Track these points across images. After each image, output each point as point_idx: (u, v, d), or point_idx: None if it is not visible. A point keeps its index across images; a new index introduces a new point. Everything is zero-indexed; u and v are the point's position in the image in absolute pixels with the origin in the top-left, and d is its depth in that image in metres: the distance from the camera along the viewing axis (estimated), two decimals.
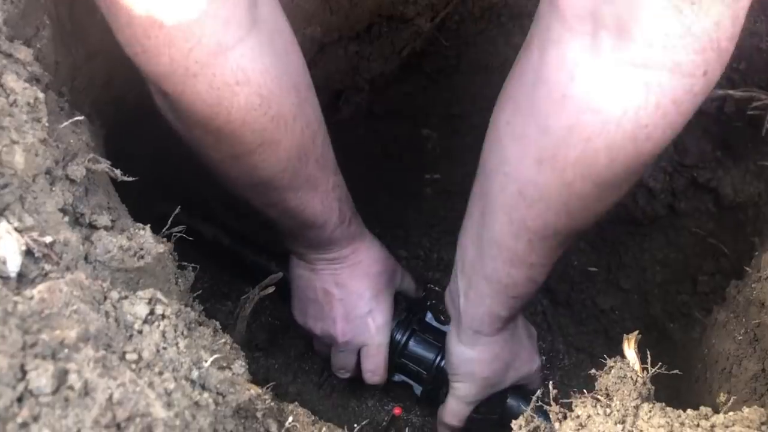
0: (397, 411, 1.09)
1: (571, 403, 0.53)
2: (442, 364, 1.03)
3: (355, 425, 0.67)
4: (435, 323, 1.10)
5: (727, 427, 0.44)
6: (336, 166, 0.89)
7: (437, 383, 1.03)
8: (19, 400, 0.34)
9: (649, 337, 1.11)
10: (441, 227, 1.26)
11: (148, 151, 1.11)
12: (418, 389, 1.06)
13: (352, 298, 0.98)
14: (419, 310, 1.11)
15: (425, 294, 1.24)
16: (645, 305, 1.10)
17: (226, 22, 0.60)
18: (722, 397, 0.78)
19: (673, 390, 1.01)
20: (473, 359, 0.94)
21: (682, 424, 0.44)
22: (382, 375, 1.02)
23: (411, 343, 1.05)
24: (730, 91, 0.81)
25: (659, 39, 0.54)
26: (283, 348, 1.19)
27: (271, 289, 0.98)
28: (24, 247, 0.42)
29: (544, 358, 1.21)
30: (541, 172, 0.67)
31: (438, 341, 1.05)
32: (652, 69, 0.56)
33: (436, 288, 1.25)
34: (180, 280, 0.64)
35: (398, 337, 1.04)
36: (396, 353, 1.05)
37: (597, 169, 0.63)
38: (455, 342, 0.95)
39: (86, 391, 0.36)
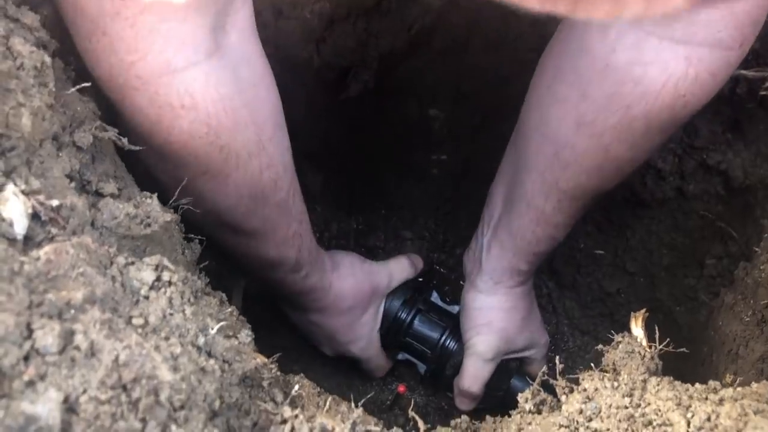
0: (401, 389, 1.09)
1: (578, 379, 0.53)
2: (447, 343, 1.03)
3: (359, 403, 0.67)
4: (440, 303, 1.10)
5: (735, 400, 0.43)
6: (304, 214, 0.85)
7: (441, 362, 1.03)
8: (26, 358, 0.34)
9: (655, 320, 1.10)
10: (447, 208, 1.26)
11: None
12: (422, 368, 1.07)
13: (331, 332, 1.01)
14: (425, 290, 1.11)
15: (430, 274, 1.24)
16: (651, 288, 1.09)
17: (180, 43, 0.58)
18: (728, 379, 0.77)
19: (677, 373, 1.01)
20: (492, 307, 0.95)
21: (691, 397, 0.44)
22: (381, 373, 1.10)
23: (416, 322, 1.05)
24: (743, 71, 0.80)
25: (703, 18, 0.56)
26: (288, 326, 1.19)
27: None
28: (30, 210, 0.42)
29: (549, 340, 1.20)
30: (579, 135, 0.70)
31: (443, 321, 1.05)
32: (693, 45, 0.59)
33: (441, 269, 1.25)
34: (187, 251, 0.63)
35: (403, 316, 1.04)
36: (401, 332, 1.05)
37: (634, 134, 0.66)
38: (474, 293, 0.96)
39: (92, 351, 0.36)
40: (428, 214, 1.27)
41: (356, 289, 0.98)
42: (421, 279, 1.22)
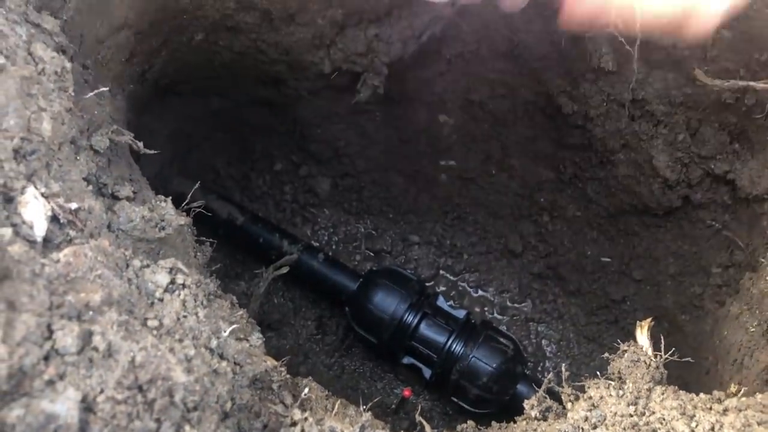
0: (406, 393, 1.09)
1: (584, 386, 0.54)
2: (453, 347, 1.04)
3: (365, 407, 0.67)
4: (446, 307, 1.10)
5: (739, 410, 0.44)
6: None
7: (447, 366, 1.04)
8: (46, 358, 0.35)
9: (660, 328, 1.11)
10: (455, 214, 1.26)
11: (167, 128, 1.12)
12: (427, 372, 1.07)
13: None
14: (431, 294, 1.11)
15: (436, 279, 1.25)
16: (657, 296, 1.09)
17: None
18: (733, 388, 0.78)
19: (682, 382, 1.02)
20: None
21: (695, 406, 0.45)
22: None
23: (422, 326, 1.06)
24: (752, 83, 0.80)
25: None
26: (295, 328, 1.20)
27: (285, 269, 0.99)
28: (50, 213, 0.43)
29: (554, 347, 1.21)
30: None
31: (449, 325, 1.06)
32: None
33: (448, 274, 1.26)
34: (199, 254, 0.64)
35: (409, 319, 1.05)
36: (407, 336, 1.05)
37: None
38: None
39: (110, 352, 0.37)
40: (436, 219, 1.27)
41: None
42: (428, 283, 1.23)
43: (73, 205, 0.45)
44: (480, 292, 1.25)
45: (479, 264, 1.25)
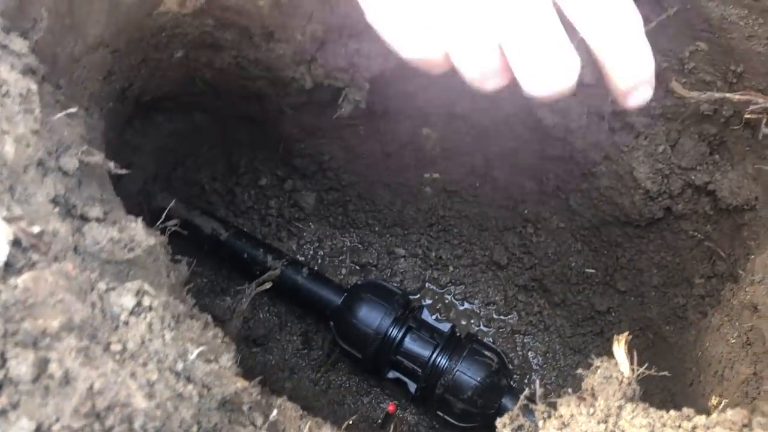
0: (390, 408, 1.09)
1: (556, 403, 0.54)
2: (438, 361, 1.04)
3: (349, 422, 0.67)
4: (431, 320, 1.10)
5: (708, 428, 0.44)
6: None
7: (432, 381, 1.04)
8: None
9: (645, 339, 1.11)
10: (440, 226, 1.26)
11: (150, 145, 1.12)
12: (413, 387, 1.07)
13: None
14: (415, 307, 1.11)
15: (422, 292, 1.25)
16: (642, 307, 1.09)
17: None
18: (714, 401, 0.78)
19: (668, 393, 1.02)
20: None
21: (664, 425, 0.45)
22: None
23: (406, 340, 1.06)
24: (728, 94, 0.81)
25: None
26: (281, 344, 1.20)
27: (267, 285, 0.99)
28: (12, 237, 0.43)
29: (540, 358, 1.21)
30: None
31: (434, 339, 1.06)
32: None
33: (434, 286, 1.26)
34: (172, 273, 0.64)
35: (393, 334, 1.05)
36: (391, 350, 1.05)
37: None
38: None
39: (67, 380, 0.37)
40: (421, 231, 1.27)
41: None
42: (414, 296, 1.23)
43: (36, 229, 0.45)
44: (466, 305, 1.25)
45: (465, 276, 1.25)
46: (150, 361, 0.44)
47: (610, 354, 0.62)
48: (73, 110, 0.57)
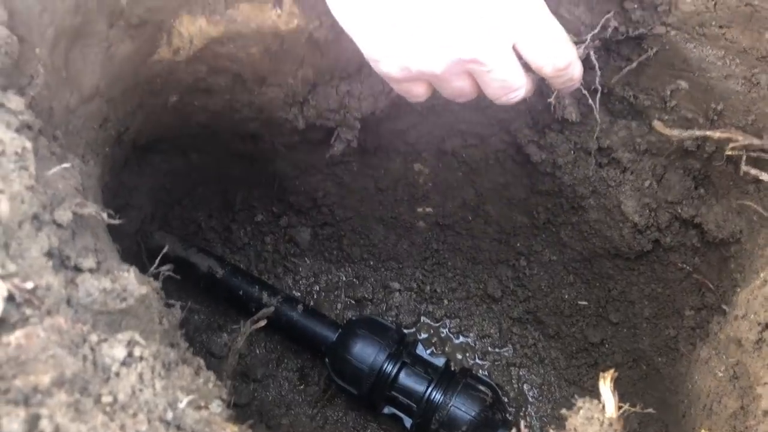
0: None
1: None
2: (433, 396, 1.04)
3: None
4: (425, 355, 1.11)
5: None
6: None
7: (427, 416, 1.04)
8: None
9: (638, 370, 1.12)
10: (434, 260, 1.28)
11: (147, 185, 1.14)
12: (408, 422, 1.07)
13: None
14: (410, 342, 1.12)
15: (417, 326, 1.26)
16: (634, 339, 1.10)
17: None
18: None
19: (661, 424, 1.02)
20: None
21: None
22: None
23: (401, 375, 1.06)
24: (708, 132, 0.83)
25: None
26: (278, 380, 1.21)
27: (262, 323, 1.00)
28: (6, 294, 0.44)
29: (536, 391, 1.21)
30: None
31: (428, 374, 1.07)
32: None
33: (429, 320, 1.27)
34: (165, 319, 0.65)
35: (388, 369, 1.06)
36: (386, 386, 1.06)
37: None
38: None
39: None
40: (415, 265, 1.29)
41: None
42: (410, 330, 1.24)
43: (30, 285, 0.46)
44: (461, 338, 1.26)
45: (459, 309, 1.26)
46: (140, 411, 0.45)
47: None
48: (67, 165, 0.59)
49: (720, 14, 0.77)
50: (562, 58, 0.73)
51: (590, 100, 0.85)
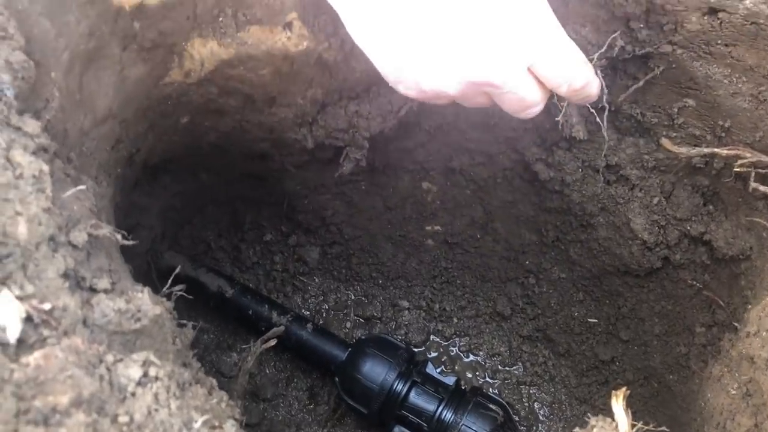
0: None
1: None
2: (443, 415, 1.04)
3: None
4: (435, 374, 1.11)
5: None
6: None
7: None
8: None
9: (650, 388, 1.11)
10: (443, 278, 1.28)
11: (157, 205, 1.15)
12: None
13: None
14: (420, 361, 1.12)
15: (427, 344, 1.25)
16: (645, 356, 1.10)
17: None
18: None
19: None
20: None
21: None
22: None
23: (412, 394, 1.06)
24: (716, 149, 0.83)
25: None
26: (287, 399, 1.21)
27: (272, 343, 1.00)
28: (24, 315, 0.45)
29: (546, 409, 1.21)
30: None
31: (438, 393, 1.06)
32: None
33: (438, 338, 1.27)
34: (178, 339, 0.66)
35: (399, 388, 1.05)
36: (396, 405, 1.05)
37: None
38: None
39: None
40: (424, 283, 1.29)
41: None
42: (419, 349, 1.24)
43: (47, 306, 0.47)
44: (471, 357, 1.25)
45: (469, 328, 1.26)
46: (156, 431, 0.45)
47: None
48: (82, 187, 0.59)
49: (725, 33, 0.78)
50: (578, 79, 0.74)
51: (598, 118, 0.85)
